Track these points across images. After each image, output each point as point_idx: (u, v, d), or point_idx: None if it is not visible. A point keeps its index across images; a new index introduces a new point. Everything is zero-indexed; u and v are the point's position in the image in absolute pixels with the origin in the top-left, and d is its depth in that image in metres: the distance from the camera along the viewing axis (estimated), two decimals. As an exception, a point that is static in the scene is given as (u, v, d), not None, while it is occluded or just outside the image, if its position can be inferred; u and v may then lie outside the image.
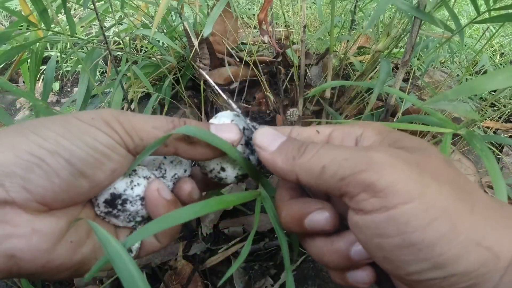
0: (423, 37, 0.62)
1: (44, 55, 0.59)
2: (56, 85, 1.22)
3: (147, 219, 0.25)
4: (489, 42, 1.00)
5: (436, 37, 0.60)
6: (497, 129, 0.77)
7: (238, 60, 0.67)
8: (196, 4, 0.61)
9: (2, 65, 0.54)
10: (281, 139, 0.23)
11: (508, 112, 0.78)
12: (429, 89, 0.70)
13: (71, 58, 0.98)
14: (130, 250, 0.24)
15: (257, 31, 0.73)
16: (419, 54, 0.81)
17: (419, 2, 0.39)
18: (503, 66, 0.99)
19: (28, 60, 0.58)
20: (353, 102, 0.63)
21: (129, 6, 0.64)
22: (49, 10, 0.45)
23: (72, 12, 1.23)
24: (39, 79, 1.00)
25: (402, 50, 0.72)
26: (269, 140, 0.23)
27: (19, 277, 0.21)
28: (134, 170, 0.24)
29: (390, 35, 0.55)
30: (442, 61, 1.00)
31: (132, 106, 0.64)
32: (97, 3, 0.53)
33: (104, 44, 0.54)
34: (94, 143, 0.20)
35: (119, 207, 0.24)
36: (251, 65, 0.61)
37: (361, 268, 0.22)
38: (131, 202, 0.24)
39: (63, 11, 0.52)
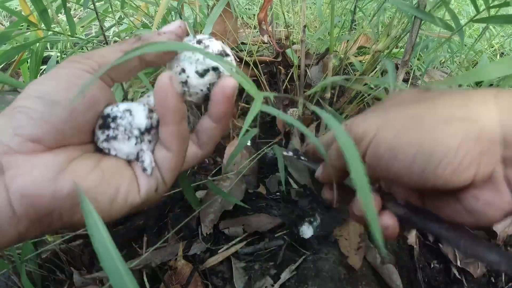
0: (423, 37, 0.62)
1: (44, 55, 0.59)
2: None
3: (144, 131, 0.24)
4: (489, 42, 1.00)
5: (436, 37, 0.60)
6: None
7: (238, 60, 0.67)
8: (196, 4, 0.61)
9: (2, 65, 0.53)
10: None
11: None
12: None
13: (71, 58, 0.98)
14: (144, 168, 0.24)
15: (257, 31, 0.73)
16: (419, 54, 0.81)
17: (419, 2, 0.39)
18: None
19: (28, 60, 0.58)
20: (353, 102, 0.64)
21: (129, 6, 0.64)
22: (49, 10, 0.45)
23: (72, 12, 1.23)
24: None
25: (402, 50, 0.72)
26: None
27: (41, 227, 0.21)
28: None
29: (390, 35, 0.55)
30: (442, 61, 1.00)
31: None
32: (97, 3, 0.53)
33: (104, 44, 0.54)
34: (69, 79, 0.22)
35: (112, 124, 0.24)
36: (251, 65, 0.61)
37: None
38: (120, 117, 0.24)
39: (63, 11, 0.52)
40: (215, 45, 0.26)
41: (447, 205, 0.23)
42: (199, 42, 0.26)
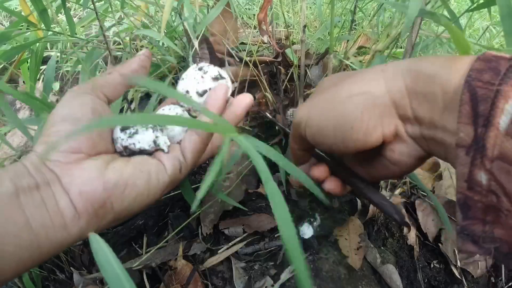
0: (423, 37, 0.62)
1: (44, 55, 0.59)
2: (56, 85, 1.22)
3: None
4: (489, 42, 1.00)
5: (436, 37, 0.60)
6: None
7: (238, 60, 0.67)
8: (196, 4, 0.61)
9: (2, 65, 0.53)
10: None
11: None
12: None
13: (71, 58, 0.98)
14: (161, 149, 0.30)
15: (257, 31, 0.73)
16: (419, 54, 0.81)
17: (419, 2, 0.39)
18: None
19: (28, 60, 0.58)
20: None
21: (129, 6, 0.64)
22: (49, 10, 0.45)
23: (72, 12, 1.23)
24: (39, 79, 1.00)
25: (402, 50, 0.72)
26: None
27: (97, 220, 0.26)
28: None
29: (390, 35, 0.55)
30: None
31: (132, 106, 0.64)
32: (97, 3, 0.53)
33: (104, 44, 0.54)
34: (88, 104, 0.28)
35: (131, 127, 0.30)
36: (251, 65, 0.61)
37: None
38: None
39: (63, 11, 0.52)
40: (213, 71, 0.34)
41: (378, 163, 0.29)
42: (200, 69, 0.34)
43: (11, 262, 0.22)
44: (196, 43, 0.50)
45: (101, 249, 0.22)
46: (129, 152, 0.30)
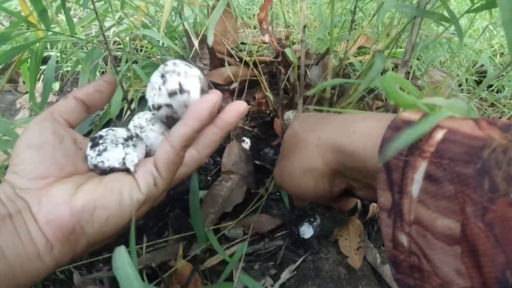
0: (423, 37, 0.62)
1: (44, 55, 0.59)
2: (56, 85, 1.22)
3: (127, 138, 0.30)
4: (489, 42, 1.00)
5: (436, 37, 0.60)
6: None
7: (238, 60, 0.67)
8: (196, 4, 0.61)
9: (2, 65, 0.53)
10: None
11: (508, 112, 0.78)
12: (428, 89, 0.70)
13: (71, 58, 0.98)
14: (127, 168, 0.28)
15: (258, 31, 0.73)
16: (419, 54, 0.81)
17: (419, 1, 0.39)
18: (503, 66, 0.99)
19: (28, 60, 0.58)
20: (353, 101, 0.63)
21: (129, 6, 0.64)
22: (48, 11, 0.45)
23: (72, 12, 1.23)
24: (39, 79, 1.00)
25: (402, 50, 0.72)
26: None
27: (70, 248, 0.26)
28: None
29: (390, 35, 0.55)
30: (442, 61, 1.00)
31: (132, 106, 0.64)
32: (97, 3, 0.53)
33: (104, 44, 0.54)
34: (48, 129, 0.28)
35: (100, 141, 0.29)
36: (251, 65, 0.61)
37: None
38: (106, 134, 0.30)
39: (62, 11, 0.52)
40: (173, 81, 0.28)
41: (343, 200, 0.40)
42: (162, 76, 0.29)
43: None
44: (196, 43, 0.50)
45: (124, 267, 0.21)
46: (100, 171, 0.29)
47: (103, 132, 0.30)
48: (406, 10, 0.39)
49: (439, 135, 0.21)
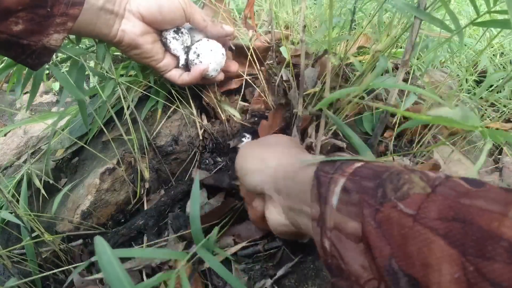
0: (423, 37, 0.62)
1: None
2: (56, 85, 1.22)
3: (187, 47, 0.55)
4: (489, 42, 1.00)
5: (436, 37, 0.60)
6: (497, 129, 0.77)
7: (233, 48, 0.67)
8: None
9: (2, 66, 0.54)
10: None
11: (508, 112, 0.78)
12: (428, 89, 0.69)
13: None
14: (179, 61, 0.56)
15: (258, 30, 0.73)
16: (419, 54, 0.81)
17: (419, 2, 0.39)
18: (503, 66, 0.99)
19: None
20: (352, 101, 0.63)
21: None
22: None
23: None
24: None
25: (402, 49, 0.72)
26: None
27: (121, 44, 0.49)
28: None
29: (390, 35, 0.55)
30: (442, 61, 1.00)
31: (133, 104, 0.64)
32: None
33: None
34: (175, 2, 0.49)
35: (180, 34, 0.53)
36: (251, 65, 0.61)
37: None
38: (184, 34, 0.54)
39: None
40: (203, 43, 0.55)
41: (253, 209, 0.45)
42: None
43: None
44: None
45: (105, 252, 0.23)
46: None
47: (186, 32, 0.55)
48: (406, 9, 0.39)
49: (358, 164, 0.28)
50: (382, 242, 0.22)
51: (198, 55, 0.54)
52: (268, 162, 0.39)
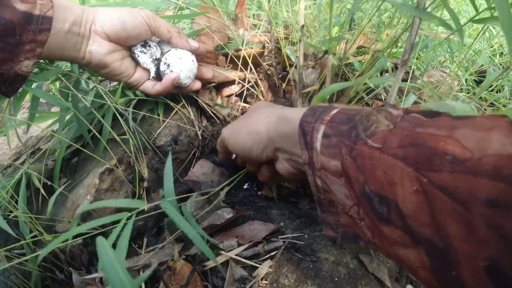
0: (422, 37, 0.62)
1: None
2: (56, 85, 1.22)
3: (156, 59, 0.56)
4: (489, 42, 1.00)
5: (436, 37, 0.60)
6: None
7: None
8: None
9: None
10: None
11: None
12: (428, 88, 0.69)
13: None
14: (150, 74, 0.57)
15: (257, 31, 0.73)
16: (419, 53, 0.81)
17: (418, 1, 0.39)
18: (503, 66, 0.99)
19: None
20: (353, 101, 0.63)
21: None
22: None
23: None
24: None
25: (402, 49, 0.72)
26: None
27: (90, 65, 0.51)
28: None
29: (390, 35, 0.55)
30: (442, 60, 1.00)
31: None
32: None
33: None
34: (138, 18, 0.50)
35: (147, 48, 0.55)
36: (252, 66, 0.61)
37: None
38: (153, 46, 0.55)
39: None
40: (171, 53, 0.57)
41: (272, 170, 0.47)
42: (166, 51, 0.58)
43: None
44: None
45: (107, 253, 0.23)
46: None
47: (155, 45, 0.56)
48: (405, 8, 0.39)
49: (334, 111, 0.33)
50: (358, 173, 0.27)
51: (169, 65, 0.55)
52: (259, 132, 0.43)
